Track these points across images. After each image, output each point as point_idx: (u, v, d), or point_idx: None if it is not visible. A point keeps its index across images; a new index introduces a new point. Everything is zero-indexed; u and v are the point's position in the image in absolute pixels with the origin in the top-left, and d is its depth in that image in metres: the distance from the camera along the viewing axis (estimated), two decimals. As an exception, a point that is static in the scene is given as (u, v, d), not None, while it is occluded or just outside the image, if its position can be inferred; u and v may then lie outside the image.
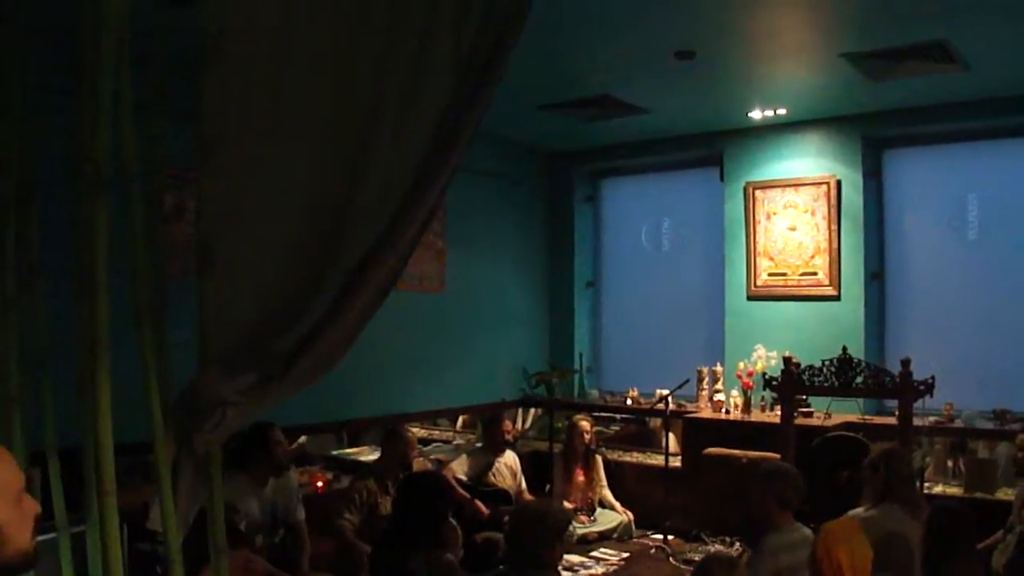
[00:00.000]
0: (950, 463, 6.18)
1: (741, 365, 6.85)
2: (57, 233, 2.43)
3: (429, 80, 2.32)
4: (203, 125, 2.12)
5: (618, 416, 8.07)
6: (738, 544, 5.94)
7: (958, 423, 6.04)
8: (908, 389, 5.22)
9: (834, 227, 6.80)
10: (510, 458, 6.75)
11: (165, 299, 2.28)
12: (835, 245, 6.80)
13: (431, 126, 2.34)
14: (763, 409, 6.78)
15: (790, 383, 5.68)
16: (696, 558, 5.40)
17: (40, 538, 1.60)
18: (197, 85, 2.13)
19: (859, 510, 4.11)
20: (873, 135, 6.82)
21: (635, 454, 7.65)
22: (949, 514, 3.60)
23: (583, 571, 5.82)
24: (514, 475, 6.70)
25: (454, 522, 5.26)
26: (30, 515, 1.57)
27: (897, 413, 5.38)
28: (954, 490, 5.88)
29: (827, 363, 5.54)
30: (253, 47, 2.17)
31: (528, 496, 6.66)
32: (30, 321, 2.53)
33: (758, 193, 7.18)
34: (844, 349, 5.55)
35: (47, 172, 2.60)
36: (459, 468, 6.51)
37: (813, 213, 6.91)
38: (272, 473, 4.82)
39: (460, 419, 8.50)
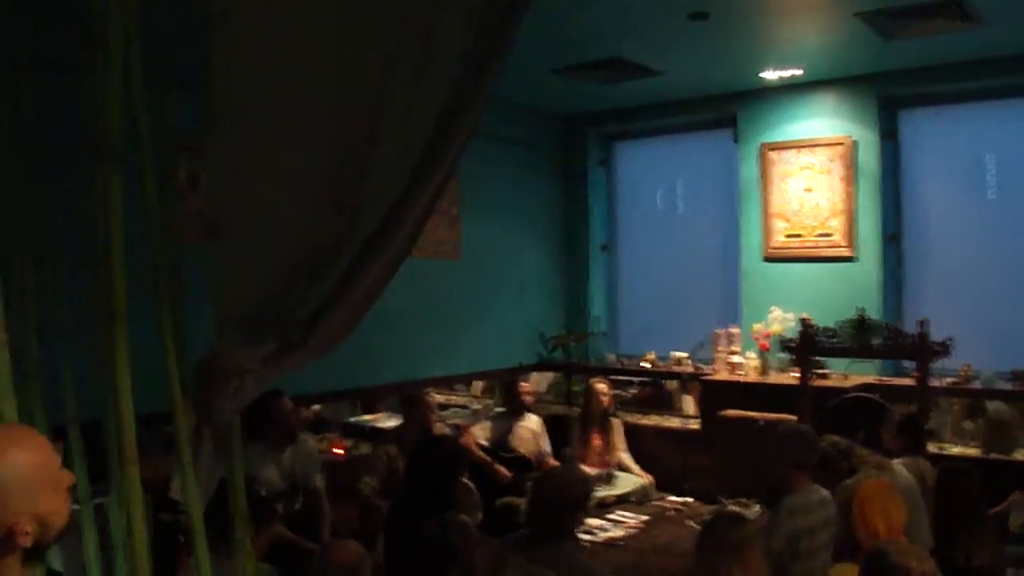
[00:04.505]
0: (967, 424, 6.17)
1: (757, 327, 6.83)
2: (72, 207, 2.44)
3: (442, 44, 2.30)
4: (210, 94, 2.11)
5: (635, 379, 8.08)
6: (756, 506, 5.96)
7: (976, 384, 6.00)
8: (925, 350, 5.21)
9: (850, 188, 6.75)
10: (532, 421, 6.75)
11: (180, 269, 2.29)
12: (851, 206, 6.75)
13: (445, 88, 2.32)
14: (780, 371, 6.77)
15: (807, 345, 5.68)
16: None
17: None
18: (205, 55, 2.12)
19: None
20: (889, 95, 6.74)
21: (652, 417, 7.65)
22: (958, 475, 3.59)
23: (601, 534, 5.85)
24: (536, 439, 6.69)
25: (471, 484, 5.29)
26: (65, 490, 1.60)
27: (915, 374, 5.37)
28: (972, 451, 5.86)
29: (844, 324, 5.53)
30: (260, 13, 2.15)
31: (552, 461, 6.66)
32: (47, 296, 2.55)
33: (773, 154, 7.12)
34: (861, 310, 5.53)
35: (60, 146, 2.61)
36: (480, 433, 6.56)
37: (829, 174, 6.85)
38: (287, 440, 4.86)
39: (479, 384, 8.53)
